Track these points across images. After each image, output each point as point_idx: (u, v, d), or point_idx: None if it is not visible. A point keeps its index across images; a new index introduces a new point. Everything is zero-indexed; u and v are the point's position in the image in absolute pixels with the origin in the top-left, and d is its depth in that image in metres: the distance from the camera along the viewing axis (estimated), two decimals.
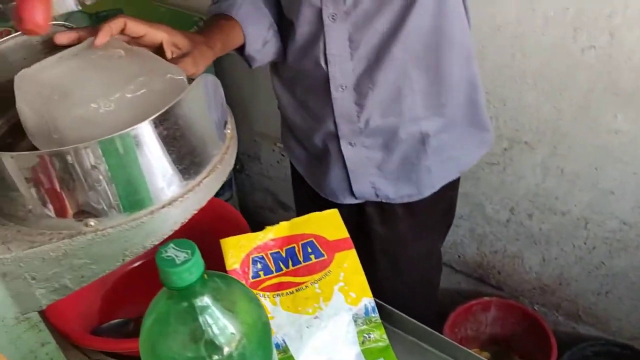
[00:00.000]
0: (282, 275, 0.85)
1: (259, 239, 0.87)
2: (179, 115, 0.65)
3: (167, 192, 0.68)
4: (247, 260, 0.85)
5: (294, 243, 0.87)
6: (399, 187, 1.17)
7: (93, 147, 0.61)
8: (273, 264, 0.86)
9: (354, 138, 1.10)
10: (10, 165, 0.62)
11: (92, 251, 0.66)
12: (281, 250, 0.87)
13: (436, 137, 1.11)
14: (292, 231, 0.88)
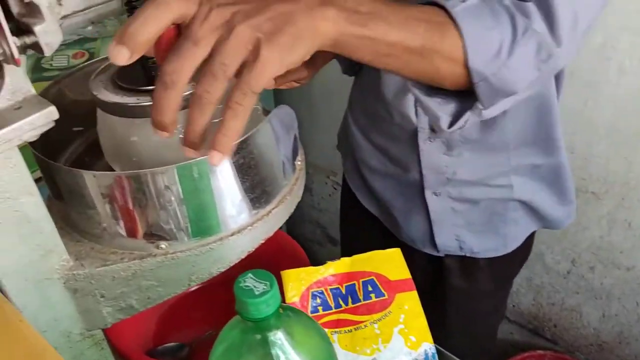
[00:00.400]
0: (341, 312, 0.83)
1: (319, 274, 0.86)
2: (255, 145, 0.66)
3: (237, 220, 0.68)
4: (306, 294, 0.84)
5: (354, 280, 0.86)
6: (485, 240, 1.11)
7: (170, 172, 0.62)
8: (332, 300, 0.85)
9: (440, 188, 1.07)
10: (91, 184, 0.63)
11: (160, 273, 0.67)
12: (341, 287, 0.85)
13: (525, 190, 1.07)
14: (353, 268, 0.87)
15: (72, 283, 0.66)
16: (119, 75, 0.68)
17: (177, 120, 0.53)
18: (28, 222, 0.60)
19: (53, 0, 0.48)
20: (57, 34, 0.48)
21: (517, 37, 0.65)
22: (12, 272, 0.61)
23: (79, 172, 0.63)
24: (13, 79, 0.52)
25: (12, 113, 0.52)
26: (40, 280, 0.64)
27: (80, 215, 0.67)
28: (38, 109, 0.52)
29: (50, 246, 0.63)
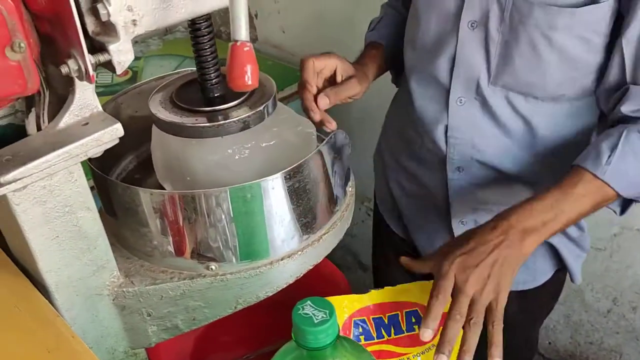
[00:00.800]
0: (383, 342, 0.82)
1: (362, 302, 0.85)
2: (309, 170, 0.66)
3: (287, 244, 0.68)
4: (349, 322, 0.82)
5: (397, 310, 0.84)
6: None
7: (224, 194, 0.62)
8: (374, 330, 0.83)
9: (467, 217, 1.07)
10: (146, 201, 0.63)
11: (208, 295, 0.67)
12: (384, 317, 0.84)
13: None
14: (397, 298, 0.85)
15: (120, 300, 0.66)
16: (177, 94, 0.69)
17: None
18: (84, 237, 0.60)
19: (128, 20, 0.48)
20: (129, 53, 0.49)
21: None
22: (64, 286, 0.61)
23: (135, 189, 0.63)
24: (82, 95, 0.53)
25: (79, 129, 0.52)
26: (91, 296, 0.64)
27: (132, 232, 0.67)
28: (104, 126, 0.53)
29: (103, 262, 0.63)
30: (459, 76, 0.94)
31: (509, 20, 0.86)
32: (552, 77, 0.89)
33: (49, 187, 0.54)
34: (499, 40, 0.89)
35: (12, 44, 0.41)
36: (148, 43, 2.18)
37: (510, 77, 0.91)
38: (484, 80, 0.93)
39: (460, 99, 0.96)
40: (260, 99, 0.67)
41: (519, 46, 0.87)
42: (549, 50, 0.86)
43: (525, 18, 0.85)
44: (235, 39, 0.48)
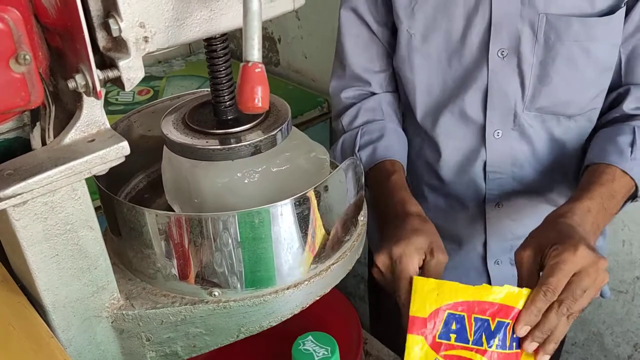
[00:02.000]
0: (479, 351, 0.68)
1: (469, 295, 0.70)
2: (322, 197, 0.64)
3: (294, 273, 0.65)
4: (438, 313, 0.69)
5: (510, 319, 0.69)
6: None
7: (232, 218, 0.60)
8: (473, 333, 0.69)
9: (502, 256, 1.03)
10: (152, 222, 0.62)
11: (210, 322, 0.65)
12: (492, 321, 0.69)
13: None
14: (516, 302, 0.70)
15: (119, 323, 0.64)
16: (190, 116, 0.68)
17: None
18: (85, 257, 0.58)
19: (140, 36, 0.47)
20: (139, 70, 0.48)
21: None
22: (62, 306, 0.59)
23: (141, 209, 0.62)
24: (89, 112, 0.52)
25: (84, 145, 0.51)
26: (89, 318, 0.62)
27: (136, 253, 0.66)
28: (110, 143, 0.52)
29: (103, 283, 0.62)
30: (493, 108, 0.92)
31: (544, 39, 0.85)
32: (589, 91, 0.89)
33: (50, 203, 0.52)
34: (534, 63, 0.87)
35: (17, 55, 0.40)
36: (171, 63, 2.20)
37: (547, 98, 0.89)
38: (519, 107, 0.91)
39: (498, 131, 0.93)
40: (273, 124, 0.66)
41: (556, 64, 0.86)
42: (587, 62, 0.85)
43: (563, 34, 0.84)
44: (247, 59, 0.46)
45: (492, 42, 0.88)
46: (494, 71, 0.89)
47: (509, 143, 0.94)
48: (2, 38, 0.39)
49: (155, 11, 0.49)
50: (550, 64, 0.86)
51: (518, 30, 0.86)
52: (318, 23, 1.87)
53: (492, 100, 0.91)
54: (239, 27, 0.55)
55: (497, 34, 0.87)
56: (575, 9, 0.82)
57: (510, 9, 0.85)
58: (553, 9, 0.83)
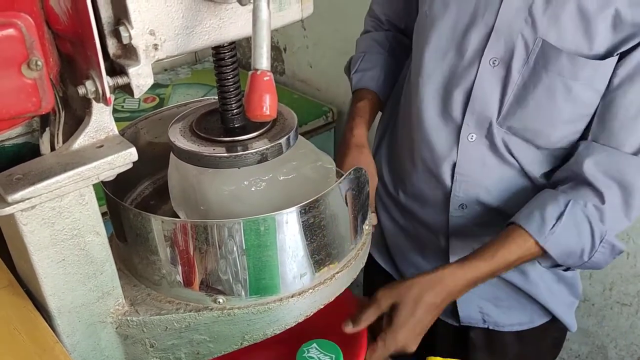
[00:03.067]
0: None
1: None
2: (326, 205, 0.64)
3: (299, 281, 0.65)
4: None
5: None
6: (510, 314, 1.08)
7: (237, 225, 0.60)
8: None
9: (465, 254, 1.04)
10: (157, 229, 0.62)
11: (214, 329, 0.65)
12: None
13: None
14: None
15: (124, 329, 0.64)
16: (197, 123, 0.68)
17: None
18: (91, 262, 0.58)
19: (150, 44, 0.48)
20: (149, 77, 0.48)
21: (595, 247, 0.86)
22: (67, 311, 0.59)
23: (147, 215, 0.62)
24: (98, 118, 0.52)
25: (93, 151, 0.51)
26: (93, 323, 0.62)
27: (141, 259, 0.66)
28: (118, 150, 0.52)
29: (108, 288, 0.62)
30: (473, 112, 0.93)
31: (533, 63, 0.85)
32: (561, 128, 0.89)
33: (58, 208, 0.53)
34: (518, 82, 0.88)
35: (29, 61, 0.41)
36: (177, 71, 2.21)
37: (518, 120, 0.90)
38: (494, 119, 0.92)
39: (472, 135, 0.94)
40: (280, 132, 0.66)
41: (536, 91, 0.87)
42: (565, 99, 0.86)
43: (550, 64, 0.84)
44: (256, 67, 0.47)
45: (487, 48, 0.89)
46: (481, 76, 0.90)
47: (480, 150, 0.95)
48: (15, 44, 0.40)
49: (166, 19, 0.49)
50: (531, 89, 0.87)
51: (514, 45, 0.86)
52: (324, 33, 1.88)
53: (473, 104, 0.92)
54: (247, 35, 0.56)
55: (494, 41, 0.88)
56: (573, 44, 0.82)
57: (513, 22, 0.86)
58: (552, 37, 0.83)
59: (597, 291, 1.49)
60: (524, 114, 0.88)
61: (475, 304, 1.07)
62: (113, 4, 0.47)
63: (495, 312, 1.08)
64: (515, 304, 1.07)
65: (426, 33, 0.95)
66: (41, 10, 0.46)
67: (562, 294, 1.07)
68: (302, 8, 0.58)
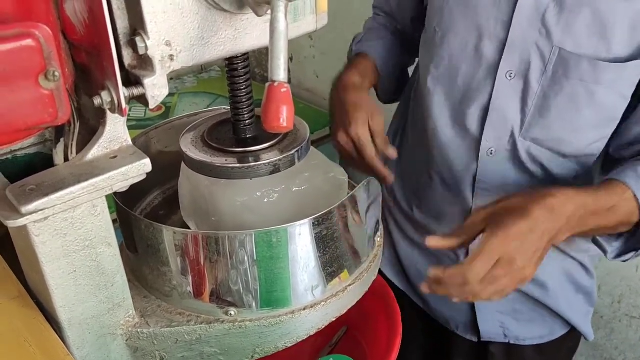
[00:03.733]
0: None
1: None
2: (340, 218, 0.63)
3: (311, 294, 0.65)
4: None
5: None
6: (531, 327, 1.06)
7: (249, 237, 0.60)
8: None
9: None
10: (169, 240, 0.61)
11: (225, 341, 0.64)
12: None
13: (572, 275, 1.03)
14: None
15: (134, 341, 0.63)
16: (209, 134, 0.68)
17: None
18: (102, 274, 0.58)
19: (166, 55, 0.48)
20: (164, 88, 0.48)
21: None
22: (77, 323, 0.59)
23: (159, 226, 0.61)
24: (113, 128, 0.52)
25: (107, 162, 0.51)
26: (104, 335, 0.62)
27: (152, 270, 0.65)
28: (132, 160, 0.51)
29: (119, 300, 0.61)
30: (491, 126, 0.92)
31: (552, 72, 0.84)
32: (585, 134, 0.88)
33: (70, 219, 0.52)
34: (538, 92, 0.87)
35: (46, 72, 0.40)
36: (183, 80, 2.21)
37: (542, 131, 0.89)
38: (517, 132, 0.90)
39: (491, 149, 0.93)
40: (292, 143, 0.66)
41: (557, 99, 0.85)
42: (588, 105, 0.84)
43: (571, 71, 0.83)
44: (273, 79, 0.46)
45: (503, 61, 0.88)
46: (499, 90, 0.89)
47: (502, 163, 0.93)
48: (33, 55, 0.39)
49: (182, 30, 0.49)
50: (552, 98, 0.86)
51: (530, 57, 0.85)
52: (331, 43, 1.88)
53: (491, 118, 0.91)
54: (262, 46, 0.55)
55: (509, 54, 0.87)
56: (591, 49, 0.81)
57: (528, 33, 0.85)
58: (568, 45, 0.82)
59: (606, 303, 1.47)
60: (546, 124, 0.87)
61: (496, 319, 1.06)
62: (129, 14, 0.47)
63: (516, 326, 1.06)
64: (536, 317, 1.05)
65: (436, 49, 0.94)
66: (58, 20, 0.46)
67: (580, 303, 1.06)
68: (317, 19, 0.58)
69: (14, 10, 0.41)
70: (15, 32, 0.39)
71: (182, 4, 0.49)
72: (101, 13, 0.42)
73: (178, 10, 0.48)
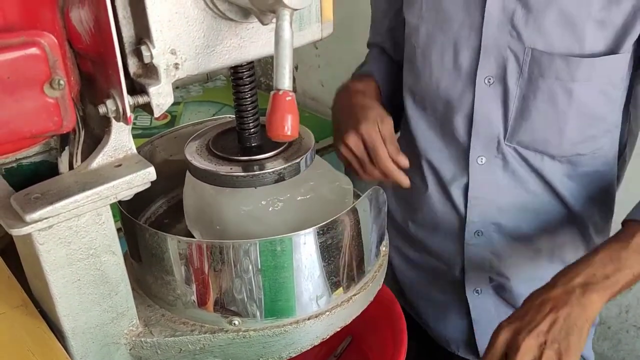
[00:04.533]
0: None
1: None
2: (344, 226, 0.63)
3: (315, 303, 0.64)
4: None
5: None
6: None
7: (254, 246, 0.60)
8: None
9: (482, 285, 1.01)
10: (173, 249, 0.61)
11: (229, 351, 0.63)
12: None
13: None
14: None
15: (137, 350, 0.63)
16: (214, 142, 0.67)
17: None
18: (106, 282, 0.58)
19: (171, 63, 0.48)
20: (169, 96, 0.48)
21: None
22: (81, 332, 0.58)
23: (163, 235, 0.61)
24: (117, 137, 0.52)
25: (111, 170, 0.51)
26: (107, 344, 0.61)
27: (156, 279, 0.65)
28: (137, 169, 0.51)
29: (123, 309, 0.61)
30: (478, 134, 0.92)
31: (528, 73, 0.85)
32: (570, 134, 0.87)
33: (75, 227, 0.52)
34: (517, 95, 0.87)
35: (51, 80, 0.40)
36: (189, 89, 2.22)
37: (526, 133, 0.88)
38: (502, 137, 0.90)
39: (481, 157, 0.93)
40: (297, 152, 0.65)
41: (537, 100, 0.85)
42: (568, 103, 0.84)
43: (546, 70, 0.83)
44: (278, 87, 0.46)
45: (480, 68, 0.88)
46: (480, 97, 0.89)
47: (493, 171, 0.93)
48: (38, 63, 0.39)
49: (187, 38, 0.49)
50: (532, 99, 0.86)
51: (505, 60, 0.86)
52: (336, 52, 1.88)
53: (477, 126, 0.91)
54: (267, 55, 0.55)
55: (485, 60, 0.87)
56: (563, 47, 0.81)
57: (499, 37, 0.85)
58: (540, 44, 0.83)
59: (613, 314, 1.46)
60: (529, 126, 0.87)
61: None
62: (135, 23, 0.47)
63: None
64: None
65: (417, 64, 0.95)
66: (63, 29, 0.46)
67: None
68: (322, 28, 0.58)
69: (20, 19, 0.41)
70: (21, 40, 0.39)
71: (187, 12, 0.49)
72: (107, 22, 0.42)
73: (183, 19, 0.49)
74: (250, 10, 0.50)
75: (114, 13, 0.44)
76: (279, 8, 0.47)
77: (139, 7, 0.46)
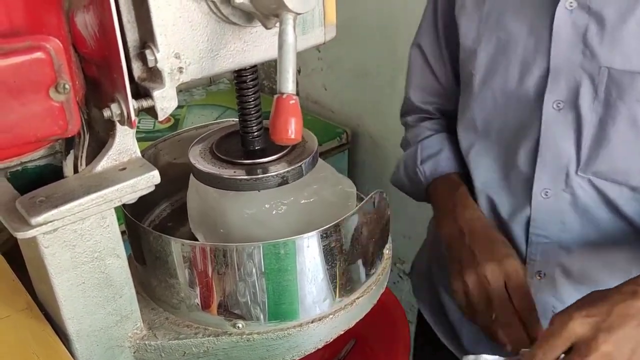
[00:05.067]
0: None
1: None
2: (348, 230, 0.63)
3: (319, 307, 0.64)
4: None
5: None
6: None
7: (257, 249, 0.60)
8: None
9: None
10: (177, 252, 0.61)
11: (233, 354, 0.64)
12: None
13: None
14: None
15: (141, 353, 0.63)
16: (217, 146, 0.68)
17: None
18: (110, 285, 0.58)
19: (175, 67, 0.48)
20: (173, 100, 0.48)
21: None
22: (85, 335, 0.59)
23: (167, 238, 0.61)
24: (122, 140, 0.52)
25: (116, 174, 0.51)
26: (111, 347, 0.61)
27: (160, 282, 0.65)
28: (141, 172, 0.52)
29: (127, 312, 0.61)
30: (544, 165, 0.84)
31: (605, 95, 0.77)
32: None
33: (80, 231, 0.52)
34: (593, 121, 0.79)
35: (56, 84, 0.41)
36: (192, 92, 2.23)
37: (604, 163, 0.80)
38: (572, 168, 0.82)
39: (546, 191, 0.85)
40: (300, 155, 0.66)
41: (616, 125, 0.77)
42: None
43: (626, 91, 0.76)
44: (282, 91, 0.46)
45: (548, 92, 0.80)
46: (547, 123, 0.82)
47: (559, 206, 0.84)
48: (44, 67, 0.40)
49: (191, 42, 0.49)
50: (610, 124, 0.77)
51: (577, 83, 0.78)
52: (339, 56, 1.89)
53: (542, 155, 0.83)
54: (271, 58, 0.56)
55: (554, 83, 0.80)
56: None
57: (570, 57, 0.78)
58: (617, 63, 0.75)
59: None
60: (608, 154, 0.79)
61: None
62: (139, 27, 0.47)
63: None
64: None
65: (476, 92, 0.88)
66: (68, 33, 0.46)
67: None
68: (325, 31, 0.58)
69: (25, 24, 0.41)
70: (26, 45, 0.40)
71: (191, 17, 0.49)
72: (111, 26, 0.43)
73: (187, 23, 0.49)
74: (254, 15, 0.50)
75: (118, 17, 0.45)
76: (283, 12, 0.47)
77: (143, 11, 0.46)
